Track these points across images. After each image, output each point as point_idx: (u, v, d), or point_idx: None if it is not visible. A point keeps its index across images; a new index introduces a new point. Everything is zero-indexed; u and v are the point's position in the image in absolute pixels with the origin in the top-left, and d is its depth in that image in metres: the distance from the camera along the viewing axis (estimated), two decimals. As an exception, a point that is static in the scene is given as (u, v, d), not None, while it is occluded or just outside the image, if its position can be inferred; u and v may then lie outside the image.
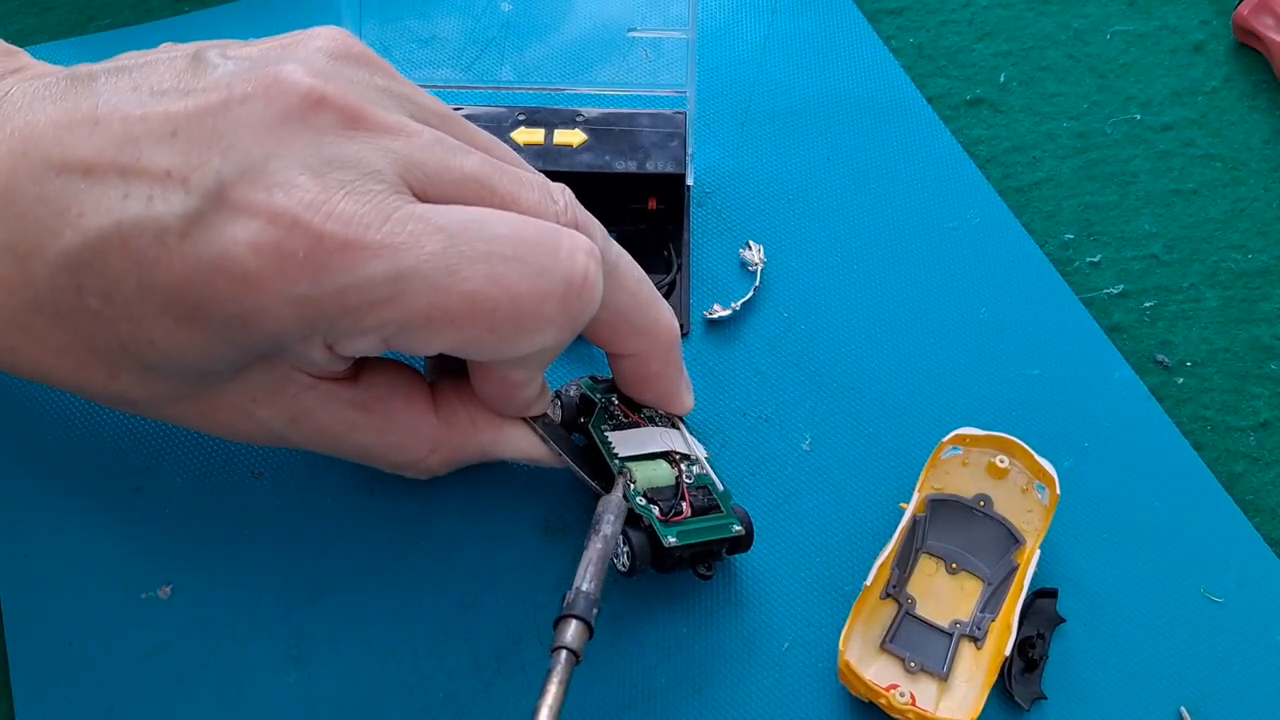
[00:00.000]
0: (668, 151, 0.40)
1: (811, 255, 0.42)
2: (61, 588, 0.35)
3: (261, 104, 0.27)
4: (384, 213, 0.27)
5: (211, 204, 0.27)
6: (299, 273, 0.26)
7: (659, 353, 0.34)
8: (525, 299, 0.28)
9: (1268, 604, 0.36)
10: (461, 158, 0.29)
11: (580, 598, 0.30)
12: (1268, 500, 0.39)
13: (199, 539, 0.36)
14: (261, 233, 0.26)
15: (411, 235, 0.27)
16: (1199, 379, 0.41)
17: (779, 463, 0.38)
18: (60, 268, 0.28)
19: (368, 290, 0.27)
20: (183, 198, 0.27)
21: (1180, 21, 0.47)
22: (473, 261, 0.27)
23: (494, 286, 0.27)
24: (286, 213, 0.26)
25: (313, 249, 0.26)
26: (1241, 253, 0.43)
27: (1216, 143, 0.45)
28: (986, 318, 0.41)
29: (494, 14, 0.41)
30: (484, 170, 0.29)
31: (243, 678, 0.34)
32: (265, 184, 0.26)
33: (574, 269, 0.28)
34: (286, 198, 0.26)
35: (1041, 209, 0.44)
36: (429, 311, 0.27)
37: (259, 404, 0.31)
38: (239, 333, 0.28)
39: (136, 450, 0.37)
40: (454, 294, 0.27)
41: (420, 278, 0.27)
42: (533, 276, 0.28)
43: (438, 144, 0.29)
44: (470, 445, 0.34)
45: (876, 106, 0.45)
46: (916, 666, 0.34)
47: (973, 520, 0.37)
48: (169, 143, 0.27)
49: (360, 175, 0.27)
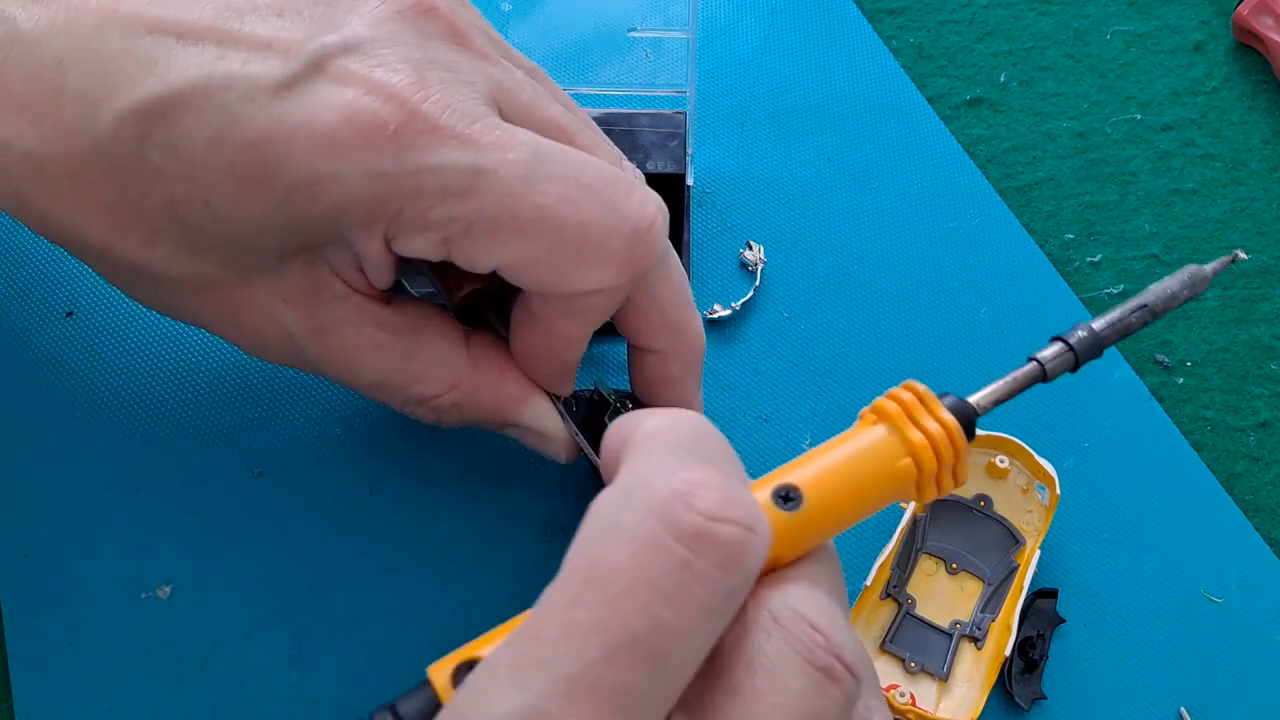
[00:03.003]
0: (668, 151, 0.40)
1: (811, 255, 0.42)
2: (61, 588, 0.35)
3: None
4: (475, 114, 0.28)
5: (311, 69, 0.27)
6: (384, 145, 0.27)
7: (685, 355, 0.34)
8: (594, 227, 0.28)
9: (1268, 604, 0.36)
10: (548, 104, 0.30)
11: (1081, 326, 0.28)
12: (1267, 500, 0.39)
13: (199, 539, 0.36)
14: (356, 100, 0.27)
15: (498, 139, 0.28)
16: (1199, 379, 0.41)
17: (779, 463, 0.38)
18: (132, 114, 0.28)
19: (446, 176, 0.27)
20: (282, 63, 0.27)
21: (1180, 21, 0.47)
22: (550, 179, 0.28)
23: (566, 206, 0.28)
24: (386, 86, 0.27)
25: (404, 125, 0.27)
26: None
27: (1216, 143, 0.45)
28: (987, 317, 0.41)
29: (494, 13, 0.41)
30: (567, 120, 0.30)
31: (243, 678, 0.34)
32: (368, 61, 0.27)
33: (644, 214, 0.29)
34: (387, 74, 0.27)
35: (1041, 209, 0.44)
36: (499, 215, 0.28)
37: (288, 305, 0.31)
38: (304, 202, 0.28)
39: (136, 450, 0.37)
40: (527, 203, 0.27)
41: (499, 179, 0.27)
42: (604, 209, 0.28)
43: (529, 85, 0.30)
44: (492, 396, 0.33)
45: (876, 106, 0.45)
46: (916, 667, 0.34)
47: (973, 520, 0.37)
48: (275, 19, 0.28)
49: (457, 80, 0.28)
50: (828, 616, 0.23)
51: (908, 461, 0.25)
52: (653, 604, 0.20)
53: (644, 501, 0.21)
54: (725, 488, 0.21)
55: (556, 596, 0.21)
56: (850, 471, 0.25)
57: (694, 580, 0.20)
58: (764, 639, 0.22)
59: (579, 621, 0.20)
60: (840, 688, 0.22)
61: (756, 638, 0.22)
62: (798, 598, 0.23)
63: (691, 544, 0.20)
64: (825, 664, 0.22)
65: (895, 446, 0.25)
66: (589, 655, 0.20)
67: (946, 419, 0.25)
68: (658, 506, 0.21)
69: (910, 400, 0.25)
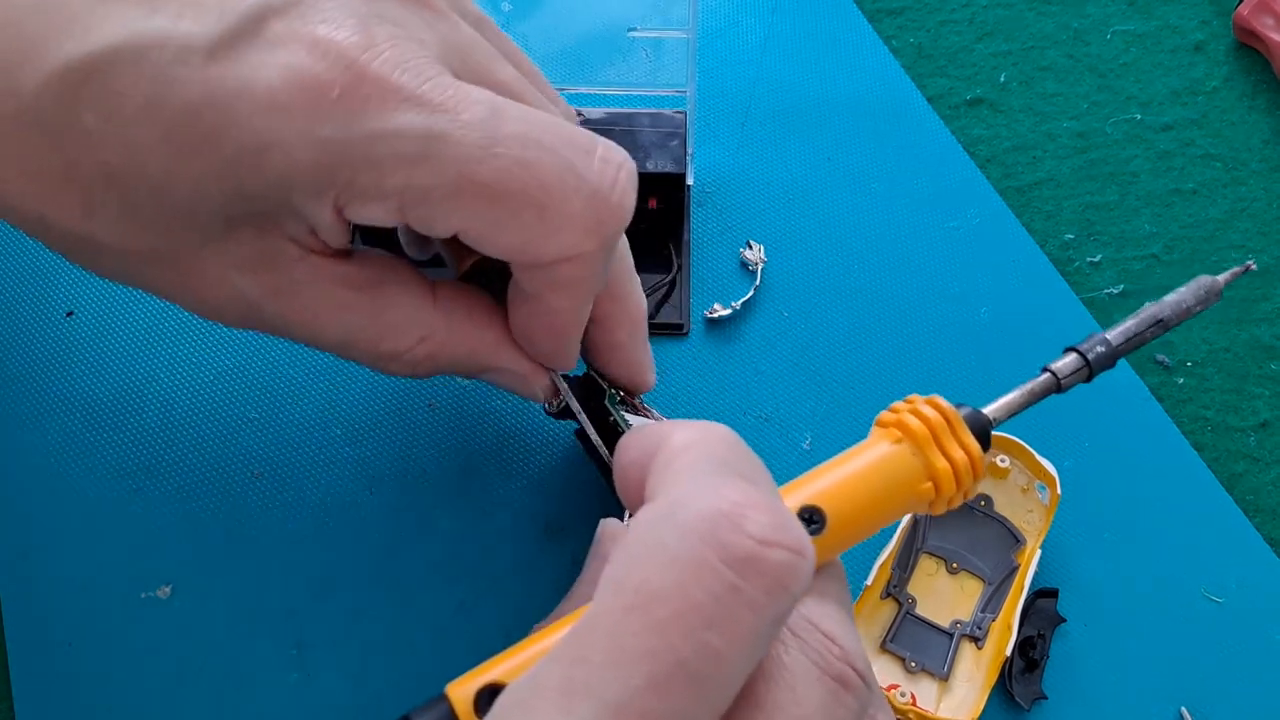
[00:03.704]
0: (668, 151, 0.40)
1: (811, 255, 0.42)
2: (61, 588, 0.35)
3: None
4: (426, 73, 0.26)
5: (249, 27, 0.25)
6: (330, 109, 0.25)
7: (626, 322, 0.33)
8: (553, 190, 0.27)
9: (1268, 604, 0.36)
10: (501, 66, 0.29)
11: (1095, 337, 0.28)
12: (1268, 500, 0.39)
13: (199, 539, 0.36)
14: (299, 60, 0.25)
15: (452, 99, 0.26)
16: (1199, 379, 0.41)
17: (779, 462, 0.38)
18: (57, 78, 0.26)
19: (398, 143, 0.25)
20: (217, 17, 0.25)
21: (1180, 21, 0.47)
22: (508, 140, 0.26)
23: (524, 170, 0.26)
24: (330, 44, 0.25)
25: (351, 86, 0.25)
26: (1241, 252, 0.43)
27: (1217, 143, 0.45)
28: (987, 317, 0.41)
29: (494, 13, 0.41)
30: (519, 85, 0.29)
31: (243, 678, 0.34)
32: (311, 17, 0.25)
33: (605, 174, 0.27)
34: (332, 30, 0.25)
35: (1042, 209, 0.44)
36: (457, 181, 0.26)
37: (242, 272, 0.29)
38: (247, 171, 0.26)
39: (136, 450, 0.37)
40: (484, 167, 0.26)
41: (454, 143, 0.26)
42: (563, 170, 0.27)
43: (483, 44, 0.29)
44: (465, 342, 0.32)
45: (877, 106, 0.45)
46: (917, 666, 0.34)
47: (973, 520, 0.37)
48: None
49: (407, 37, 0.26)
50: (840, 626, 0.23)
51: (929, 485, 0.24)
52: (700, 630, 0.19)
53: (690, 522, 0.20)
54: (773, 509, 0.21)
55: (603, 619, 0.20)
56: (871, 492, 0.24)
57: (743, 605, 0.20)
58: (781, 650, 0.22)
59: (626, 647, 0.19)
60: (855, 695, 0.22)
61: (774, 649, 0.22)
62: (810, 609, 0.23)
63: (741, 569, 0.20)
64: (840, 673, 0.22)
65: (919, 470, 0.24)
66: (635, 683, 0.19)
67: (972, 447, 0.25)
68: (705, 528, 0.20)
69: (936, 421, 0.25)
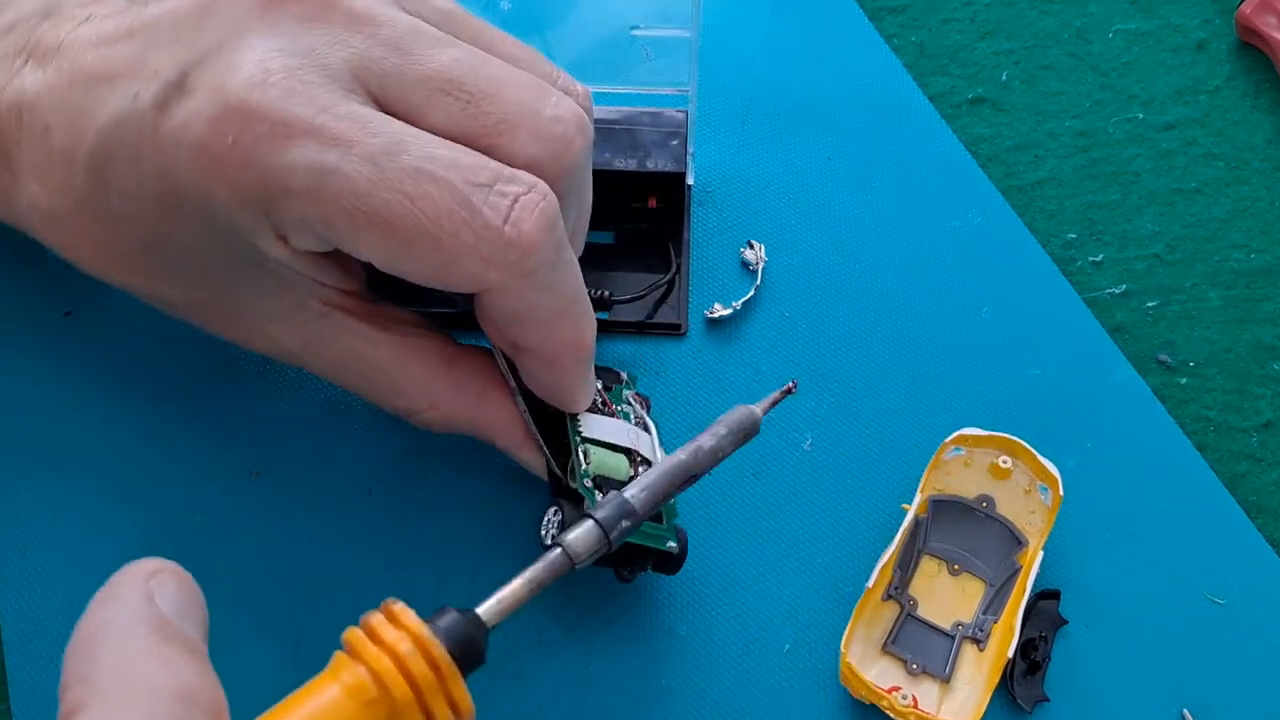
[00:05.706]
0: (668, 150, 0.40)
1: (812, 254, 0.42)
2: (61, 588, 0.35)
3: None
4: (320, 103, 0.26)
5: (174, 88, 0.28)
6: (231, 153, 0.27)
7: (552, 360, 0.32)
8: (444, 223, 0.27)
9: (1271, 606, 0.36)
10: (434, 52, 0.28)
11: (613, 501, 0.27)
12: (1271, 501, 0.38)
13: (198, 539, 0.36)
14: (203, 107, 0.27)
15: (344, 131, 0.26)
16: (1201, 379, 0.41)
17: (779, 463, 0.38)
18: (88, 169, 0.29)
19: (288, 177, 0.26)
20: (155, 87, 0.28)
21: (1183, 20, 0.47)
22: (398, 174, 0.26)
23: (412, 203, 0.26)
24: (222, 89, 0.27)
25: (242, 129, 0.26)
26: (1244, 252, 0.43)
27: (1219, 142, 0.45)
28: (988, 317, 0.41)
29: (494, 12, 0.41)
30: (456, 69, 0.28)
31: (241, 678, 0.34)
32: (214, 66, 0.27)
33: (500, 205, 0.27)
34: (226, 76, 0.27)
35: (1043, 208, 0.44)
36: (351, 214, 0.27)
37: (274, 325, 0.32)
38: (209, 220, 0.28)
39: (136, 450, 0.37)
40: (374, 200, 0.26)
41: (343, 177, 0.26)
42: (453, 203, 0.27)
43: (407, 36, 0.28)
44: (468, 419, 0.33)
45: (878, 105, 0.45)
46: (918, 668, 0.34)
47: (975, 521, 0.37)
48: (167, 44, 0.29)
49: (306, 64, 0.27)
50: None
51: None
52: None
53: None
54: None
55: None
56: None
57: None
58: None
59: None
60: None
61: None
62: None
63: None
64: None
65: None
66: None
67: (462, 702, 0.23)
68: None
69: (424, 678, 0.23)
